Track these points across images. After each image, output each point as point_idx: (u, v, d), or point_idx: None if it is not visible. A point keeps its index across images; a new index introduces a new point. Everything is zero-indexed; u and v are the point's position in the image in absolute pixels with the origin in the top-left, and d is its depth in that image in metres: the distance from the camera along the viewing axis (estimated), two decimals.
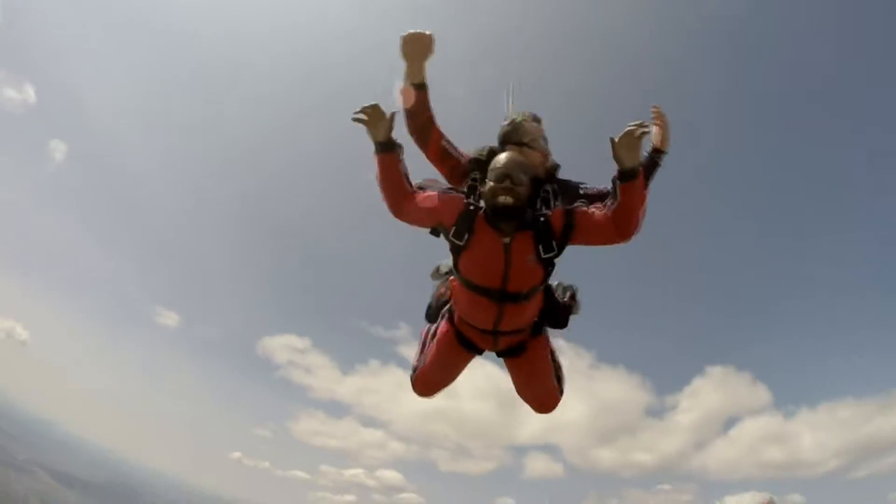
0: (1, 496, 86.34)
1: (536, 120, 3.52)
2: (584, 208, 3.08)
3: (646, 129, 2.79)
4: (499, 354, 3.57)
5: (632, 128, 2.76)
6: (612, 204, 2.94)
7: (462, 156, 3.41)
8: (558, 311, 3.46)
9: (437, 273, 3.84)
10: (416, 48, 3.23)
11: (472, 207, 3.03)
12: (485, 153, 3.26)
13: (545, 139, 3.45)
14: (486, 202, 2.96)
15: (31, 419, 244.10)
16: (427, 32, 3.21)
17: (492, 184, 2.93)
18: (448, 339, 3.52)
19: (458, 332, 3.48)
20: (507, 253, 2.98)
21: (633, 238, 3.04)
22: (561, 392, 3.68)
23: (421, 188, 3.22)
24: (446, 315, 3.60)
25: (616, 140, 2.77)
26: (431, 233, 3.27)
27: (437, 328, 3.64)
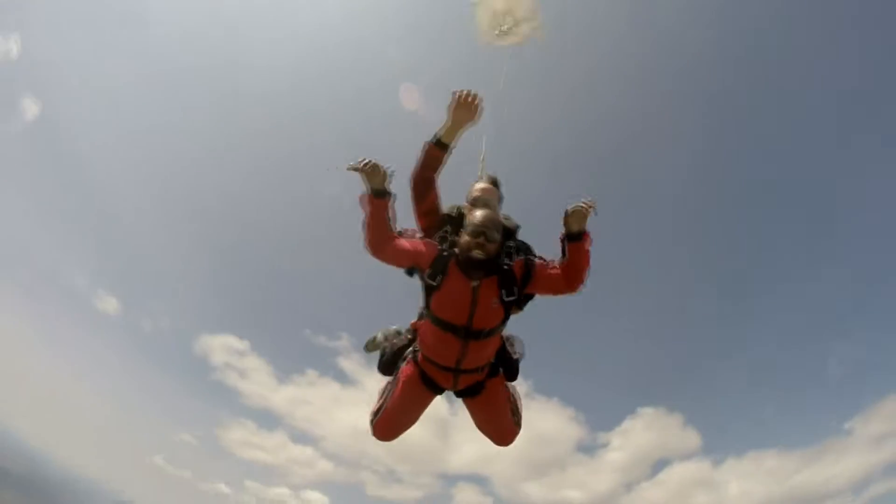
0: None
1: (495, 184, 4.17)
2: (541, 261, 3.61)
3: (592, 206, 3.34)
4: (458, 394, 3.83)
5: (581, 205, 3.33)
6: (562, 261, 3.48)
7: (440, 209, 3.97)
8: (511, 365, 3.90)
9: (372, 344, 4.26)
10: (464, 114, 3.74)
11: (445, 254, 3.47)
12: (454, 212, 3.84)
13: (501, 200, 4.14)
14: (461, 252, 3.38)
15: None
16: (478, 101, 3.71)
17: (467, 238, 3.36)
18: (412, 378, 3.77)
19: (422, 371, 3.73)
20: (475, 295, 3.37)
21: (581, 290, 3.56)
22: (518, 425, 3.97)
23: (400, 233, 3.60)
24: (409, 357, 3.88)
25: (568, 210, 3.33)
26: (406, 273, 3.70)
27: (398, 373, 3.86)
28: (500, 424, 3.95)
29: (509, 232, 3.78)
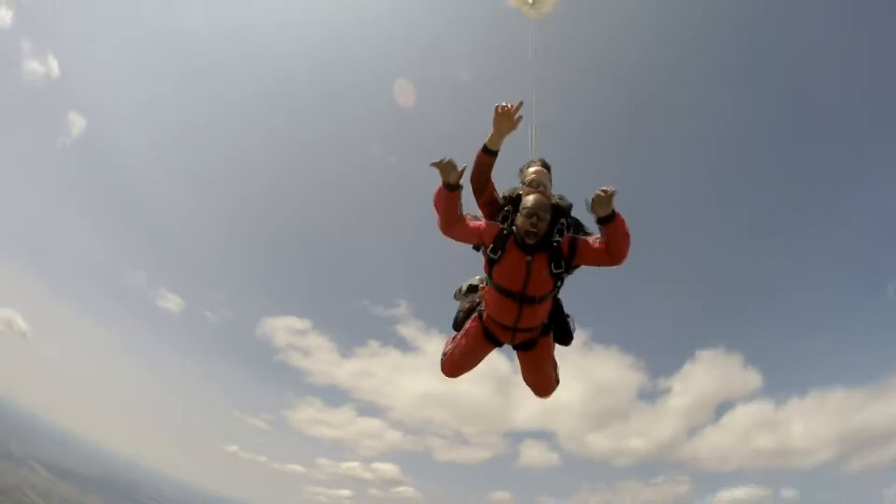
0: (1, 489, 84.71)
1: (546, 166, 4.77)
2: (586, 238, 4.32)
3: (610, 191, 3.90)
4: (514, 347, 4.71)
5: (600, 192, 3.90)
6: (602, 237, 4.14)
7: (499, 197, 4.62)
8: (566, 332, 4.71)
9: (459, 293, 5.16)
10: (505, 123, 4.23)
11: (505, 232, 4.25)
12: (514, 195, 4.48)
13: (551, 180, 4.71)
14: (517, 232, 4.18)
15: (27, 413, 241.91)
16: (515, 112, 4.22)
17: (522, 219, 4.13)
18: (476, 332, 4.68)
19: (486, 327, 4.62)
20: (528, 267, 4.17)
21: (624, 262, 4.24)
22: (557, 381, 4.90)
23: (466, 215, 4.39)
24: (476, 314, 4.74)
25: (590, 199, 3.96)
26: (474, 248, 4.56)
27: (466, 325, 4.78)
28: (544, 378, 4.85)
29: (562, 210, 4.50)
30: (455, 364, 4.88)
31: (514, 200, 4.50)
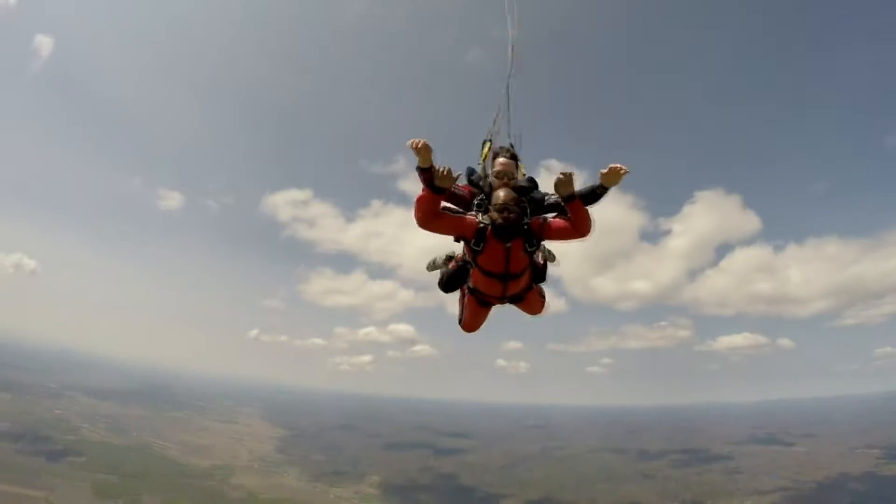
0: (46, 424, 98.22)
1: (514, 157, 5.75)
2: (553, 218, 5.36)
3: (569, 174, 4.94)
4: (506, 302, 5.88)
5: (561, 176, 4.95)
6: (567, 216, 5.21)
7: (461, 190, 5.65)
8: (539, 272, 5.86)
9: (432, 265, 6.17)
10: (421, 155, 5.05)
11: (482, 226, 5.25)
12: (485, 185, 5.63)
13: (518, 166, 5.74)
14: (491, 224, 5.16)
15: (54, 348, 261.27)
16: (418, 145, 5.02)
17: (495, 214, 5.14)
18: (472, 303, 5.89)
19: (479, 299, 5.82)
20: (508, 252, 5.25)
21: (589, 236, 5.28)
22: (545, 300, 6.14)
23: (446, 208, 5.37)
24: (468, 291, 5.86)
25: (554, 182, 5.03)
26: (455, 240, 5.46)
27: (465, 297, 5.97)
28: (534, 311, 6.16)
29: (527, 191, 5.51)
30: (469, 326, 6.04)
31: (487, 193, 5.48)
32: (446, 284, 5.88)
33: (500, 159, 5.66)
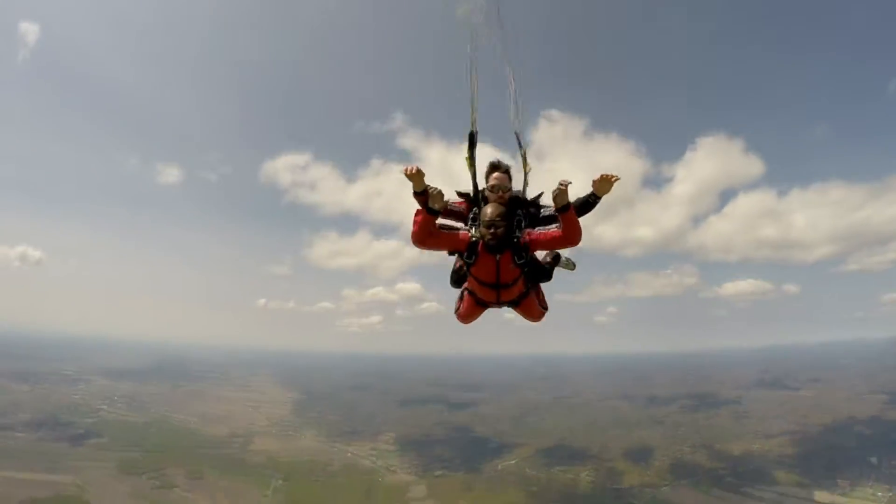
0: (66, 409, 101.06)
1: (507, 172, 5.89)
2: (544, 230, 5.58)
3: (566, 183, 5.11)
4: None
5: (560, 186, 5.14)
6: (559, 225, 5.39)
7: (456, 207, 6.00)
8: (543, 272, 6.22)
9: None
10: (414, 181, 5.38)
11: (474, 240, 5.55)
12: (481, 196, 5.80)
13: (510, 178, 5.88)
14: (482, 239, 5.46)
15: (67, 335, 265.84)
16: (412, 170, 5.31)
17: (483, 230, 5.42)
18: (470, 302, 6.16)
19: (477, 300, 6.09)
20: (498, 264, 5.57)
21: (578, 244, 5.46)
22: (546, 308, 6.37)
23: (442, 226, 5.64)
24: (466, 292, 6.13)
25: (552, 193, 5.22)
26: (449, 254, 5.88)
27: (463, 295, 6.19)
28: (532, 317, 6.32)
29: (520, 202, 5.80)
30: (464, 319, 6.37)
31: (481, 201, 5.74)
32: (455, 282, 6.28)
33: (495, 174, 5.84)
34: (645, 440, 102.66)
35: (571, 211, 5.26)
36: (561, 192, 5.16)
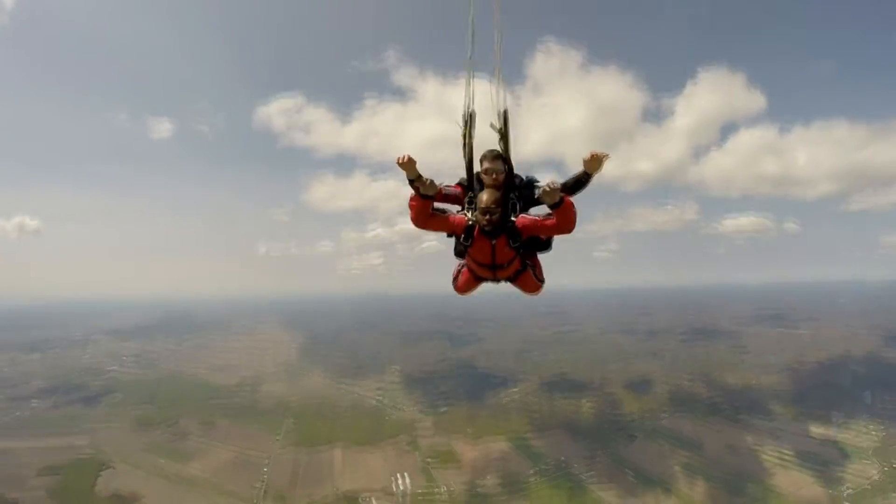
0: (77, 372, 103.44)
1: (500, 157, 5.95)
2: (538, 218, 5.71)
3: (554, 186, 5.35)
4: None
5: (546, 188, 5.33)
6: (553, 214, 5.53)
7: (452, 191, 6.19)
8: (543, 245, 6.31)
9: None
10: (407, 168, 5.54)
11: (471, 223, 5.82)
12: (476, 185, 6.04)
13: (504, 161, 5.96)
14: (477, 224, 5.73)
15: (72, 300, 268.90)
16: (405, 159, 5.50)
17: (479, 216, 5.66)
18: (469, 276, 6.47)
19: (473, 274, 6.42)
20: (493, 247, 5.85)
21: (572, 231, 5.61)
22: (542, 282, 6.49)
23: (438, 210, 5.88)
24: (465, 268, 6.42)
25: (541, 193, 5.41)
26: (448, 236, 6.10)
27: (462, 268, 6.48)
28: (528, 291, 6.46)
29: (514, 186, 5.96)
30: (461, 291, 6.67)
31: (476, 191, 5.96)
32: (459, 254, 6.34)
33: (488, 157, 5.98)
34: (645, 372, 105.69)
35: (565, 205, 5.41)
36: (548, 193, 5.32)
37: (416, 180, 5.55)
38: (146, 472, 63.15)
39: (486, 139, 6.04)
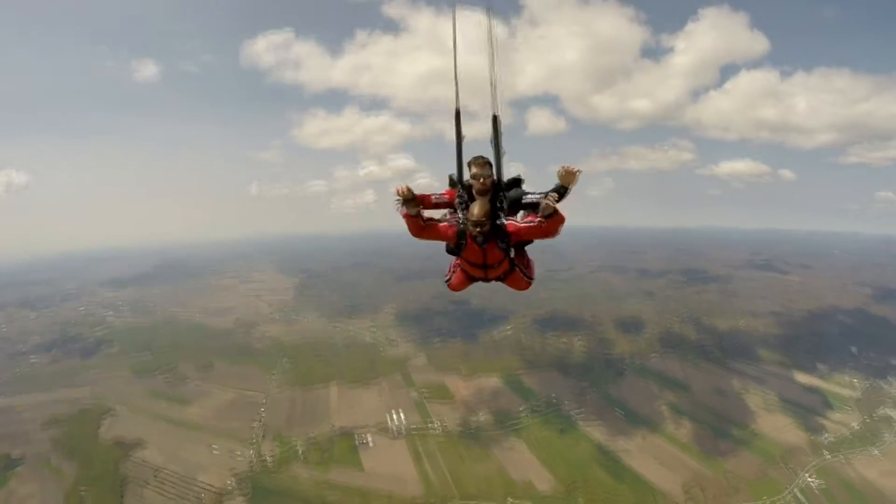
0: (74, 324, 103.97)
1: (489, 163, 6.44)
2: (526, 223, 6.22)
3: (554, 200, 5.83)
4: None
5: (546, 201, 5.83)
6: (541, 221, 6.00)
7: (442, 198, 6.80)
8: (527, 242, 6.93)
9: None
10: (412, 207, 6.17)
11: (461, 228, 6.35)
12: (465, 191, 6.56)
13: (491, 166, 6.44)
14: (468, 232, 6.24)
15: (66, 253, 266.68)
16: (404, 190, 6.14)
17: (470, 227, 6.15)
18: (461, 275, 7.09)
19: (466, 274, 7.03)
20: (484, 251, 6.42)
21: (558, 236, 6.14)
22: (531, 279, 7.09)
23: (431, 219, 6.44)
24: (458, 267, 7.05)
25: (541, 207, 5.90)
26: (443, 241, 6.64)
27: (454, 268, 7.12)
28: (519, 288, 7.07)
29: (501, 188, 6.48)
30: (454, 288, 7.31)
31: (467, 194, 6.52)
32: (451, 252, 6.78)
33: (475, 163, 6.40)
34: (635, 312, 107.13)
35: (556, 217, 5.90)
36: (546, 207, 5.83)
37: (408, 205, 6.17)
38: (147, 417, 65.07)
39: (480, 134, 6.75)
